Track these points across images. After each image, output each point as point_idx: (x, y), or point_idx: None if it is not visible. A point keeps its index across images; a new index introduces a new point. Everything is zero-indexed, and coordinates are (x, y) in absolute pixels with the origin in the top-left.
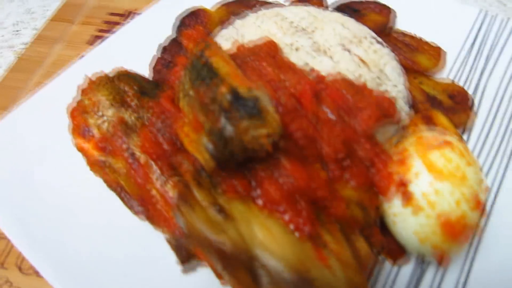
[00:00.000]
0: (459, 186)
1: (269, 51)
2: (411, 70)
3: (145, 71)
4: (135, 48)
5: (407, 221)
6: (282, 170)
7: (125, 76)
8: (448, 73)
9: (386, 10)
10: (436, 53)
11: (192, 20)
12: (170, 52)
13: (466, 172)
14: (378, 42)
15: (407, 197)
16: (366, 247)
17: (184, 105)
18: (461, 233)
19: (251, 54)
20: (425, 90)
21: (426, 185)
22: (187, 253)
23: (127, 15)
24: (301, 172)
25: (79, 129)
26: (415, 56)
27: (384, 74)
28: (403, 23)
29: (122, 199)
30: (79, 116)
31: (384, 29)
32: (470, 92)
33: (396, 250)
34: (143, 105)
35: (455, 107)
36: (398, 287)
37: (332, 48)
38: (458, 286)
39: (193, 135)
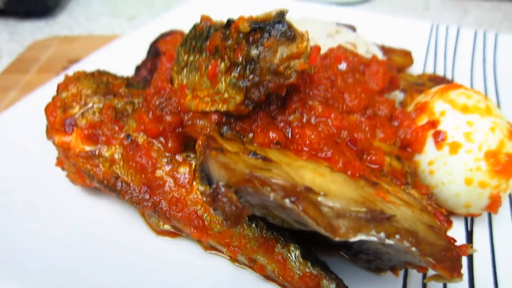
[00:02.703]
0: (488, 115)
1: None
2: None
3: None
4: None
5: (447, 164)
6: (315, 113)
7: (105, 72)
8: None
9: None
10: (405, 53)
11: (168, 34)
12: (146, 67)
13: (488, 104)
14: (353, 31)
15: (441, 137)
16: (417, 192)
17: (183, 77)
18: (506, 162)
19: None
20: (407, 79)
21: (456, 119)
22: (232, 210)
23: None
24: (335, 113)
25: (58, 125)
26: (390, 56)
27: (371, 52)
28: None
29: (118, 191)
30: (57, 110)
31: None
32: None
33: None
34: (132, 93)
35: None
36: None
37: (315, 37)
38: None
39: (205, 92)
